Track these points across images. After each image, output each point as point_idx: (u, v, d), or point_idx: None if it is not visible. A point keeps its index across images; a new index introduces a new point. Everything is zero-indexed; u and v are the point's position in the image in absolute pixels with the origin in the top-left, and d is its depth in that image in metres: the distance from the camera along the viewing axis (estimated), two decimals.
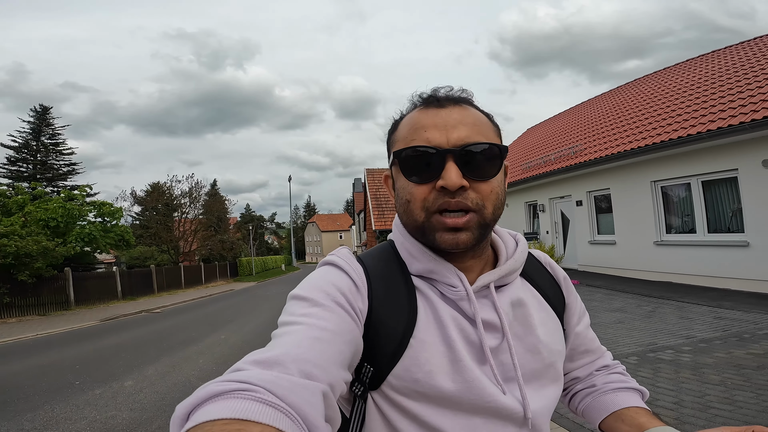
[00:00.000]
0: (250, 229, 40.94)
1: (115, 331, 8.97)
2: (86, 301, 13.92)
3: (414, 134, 0.57)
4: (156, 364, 5.53)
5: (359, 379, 0.57)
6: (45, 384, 4.69)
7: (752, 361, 3.37)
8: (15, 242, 10.52)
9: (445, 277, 0.58)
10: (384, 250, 0.64)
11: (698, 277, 7.04)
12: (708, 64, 9.53)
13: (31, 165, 25.24)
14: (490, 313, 0.58)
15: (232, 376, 0.39)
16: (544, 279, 0.68)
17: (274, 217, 79.10)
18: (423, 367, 0.54)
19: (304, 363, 0.43)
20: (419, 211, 0.55)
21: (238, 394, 0.36)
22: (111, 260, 28.87)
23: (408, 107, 0.63)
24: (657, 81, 11.07)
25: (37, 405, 3.93)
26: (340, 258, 0.60)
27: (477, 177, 0.54)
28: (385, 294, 0.57)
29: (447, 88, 0.60)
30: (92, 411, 3.75)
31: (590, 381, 0.72)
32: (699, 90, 8.24)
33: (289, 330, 0.48)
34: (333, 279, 0.56)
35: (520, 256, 0.63)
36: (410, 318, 0.56)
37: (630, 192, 8.53)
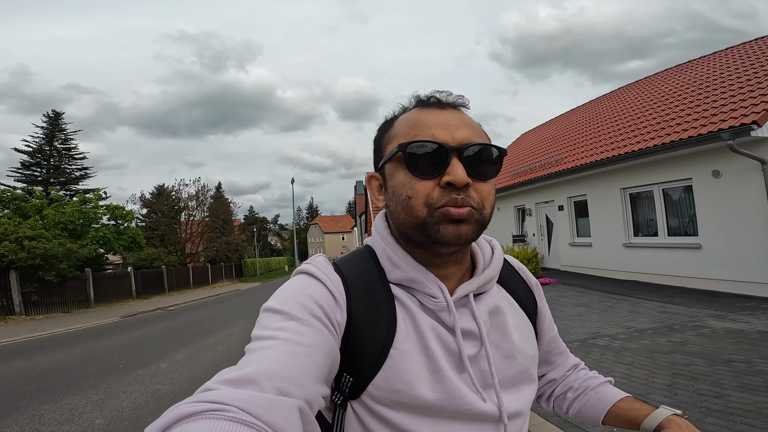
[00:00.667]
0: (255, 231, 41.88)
1: (138, 325, 9.88)
2: (104, 300, 14.86)
3: (417, 130, 0.57)
4: (182, 351, 6.42)
5: (339, 388, 0.56)
6: (94, 368, 5.59)
7: (666, 348, 4.20)
8: (43, 244, 11.45)
9: (426, 287, 0.58)
10: (362, 257, 0.63)
11: (660, 276, 7.89)
12: (676, 76, 10.35)
13: (45, 169, 26.27)
14: (469, 322, 0.59)
15: (203, 396, 0.38)
16: (518, 285, 0.70)
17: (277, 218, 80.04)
18: (403, 377, 0.54)
19: (280, 380, 0.42)
20: (421, 207, 0.54)
21: (209, 414, 0.35)
22: (118, 261, 29.83)
23: (400, 109, 0.63)
24: (633, 92, 11.91)
25: (95, 383, 4.82)
26: (316, 267, 0.58)
27: (479, 176, 0.55)
28: (363, 304, 0.56)
29: (446, 93, 0.61)
30: (140, 386, 4.63)
31: (567, 383, 0.77)
32: (665, 103, 9.07)
33: (263, 345, 0.46)
34: (309, 290, 0.54)
35: (496, 264, 0.64)
36: (390, 328, 0.56)
37: (603, 198, 9.37)
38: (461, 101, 0.61)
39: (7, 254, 10.80)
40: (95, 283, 14.55)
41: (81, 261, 13.44)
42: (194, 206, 30.98)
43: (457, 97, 0.61)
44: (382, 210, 0.66)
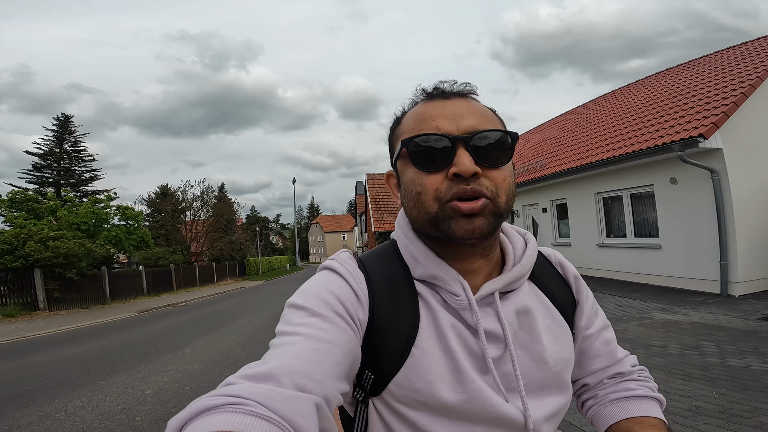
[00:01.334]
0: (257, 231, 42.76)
1: (155, 319, 10.77)
2: (119, 297, 15.77)
3: (421, 124, 0.56)
4: (201, 340, 7.30)
5: (360, 385, 0.56)
6: (129, 354, 6.47)
7: None
8: (65, 244, 12.34)
9: (448, 284, 0.56)
10: (387, 252, 0.63)
11: (627, 274, 8.75)
12: (652, 85, 11.16)
13: (56, 171, 27.19)
14: (493, 323, 0.57)
15: (224, 390, 0.39)
16: (553, 280, 0.66)
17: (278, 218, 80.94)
18: (424, 376, 0.53)
19: (299, 376, 0.43)
20: (432, 203, 0.53)
21: (229, 408, 0.36)
22: (124, 260, 30.75)
23: (410, 103, 0.62)
24: (612, 101, 12.74)
25: (134, 365, 5.69)
26: (341, 264, 0.58)
27: (489, 164, 0.53)
28: (386, 301, 0.56)
29: (451, 82, 0.59)
30: (173, 366, 5.51)
31: (596, 390, 0.69)
32: (637, 113, 9.88)
33: (285, 341, 0.48)
34: (332, 287, 0.55)
35: (528, 261, 0.61)
36: (412, 326, 0.55)
37: (580, 201, 10.23)
38: (468, 89, 0.59)
39: (33, 254, 11.69)
40: (110, 281, 15.46)
41: (99, 260, 14.33)
42: (199, 206, 31.87)
43: (463, 84, 0.59)
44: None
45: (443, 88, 0.59)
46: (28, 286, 12.17)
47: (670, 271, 7.79)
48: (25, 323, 10.29)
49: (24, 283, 12.17)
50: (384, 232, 24.88)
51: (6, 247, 11.65)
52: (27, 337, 8.51)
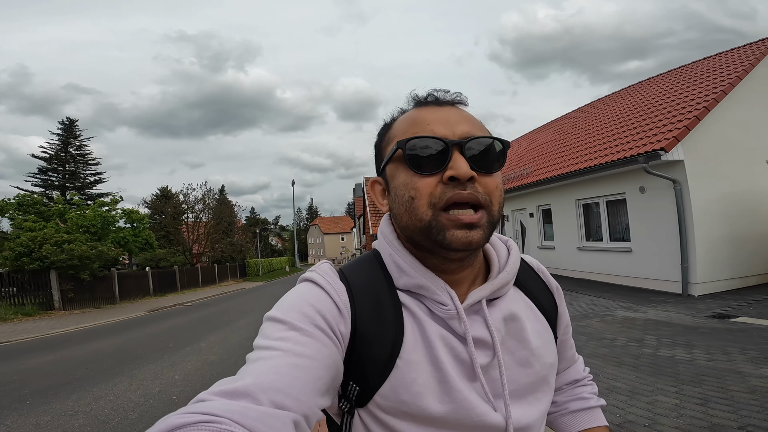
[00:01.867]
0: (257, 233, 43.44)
1: (166, 318, 11.48)
2: (127, 297, 16.47)
3: (416, 128, 0.56)
4: (213, 335, 8.02)
5: (345, 395, 0.56)
6: (151, 347, 7.19)
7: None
8: (78, 246, 13.04)
9: (435, 294, 0.56)
10: (369, 263, 0.62)
11: (603, 275, 9.52)
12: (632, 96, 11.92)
13: (61, 174, 27.85)
14: (482, 330, 0.57)
15: (196, 407, 0.38)
16: (538, 287, 0.67)
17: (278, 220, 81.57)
18: (410, 388, 0.53)
19: (276, 393, 0.41)
20: (425, 208, 0.53)
21: (201, 426, 0.35)
22: (125, 261, 31.41)
23: (398, 111, 0.63)
24: (595, 110, 13.52)
25: (158, 357, 6.40)
26: (321, 276, 0.57)
27: (483, 169, 0.54)
28: (369, 313, 0.55)
29: (444, 90, 0.61)
30: (193, 357, 6.23)
31: (556, 396, 0.74)
32: (615, 124, 10.62)
33: (263, 355, 0.46)
34: (313, 300, 0.53)
35: (512, 267, 0.62)
36: (396, 337, 0.55)
37: (563, 207, 11.00)
38: (459, 98, 0.60)
39: (49, 256, 12.39)
40: (119, 282, 16.16)
41: (110, 262, 15.03)
42: (200, 209, 32.56)
43: (454, 94, 0.60)
44: (386, 213, 0.64)
45: (436, 95, 0.60)
46: (44, 286, 12.86)
47: (640, 272, 8.55)
48: (44, 321, 10.98)
49: (40, 284, 12.87)
50: None
51: (23, 249, 12.35)
52: (50, 334, 9.21)
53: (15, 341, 8.42)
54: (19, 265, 12.37)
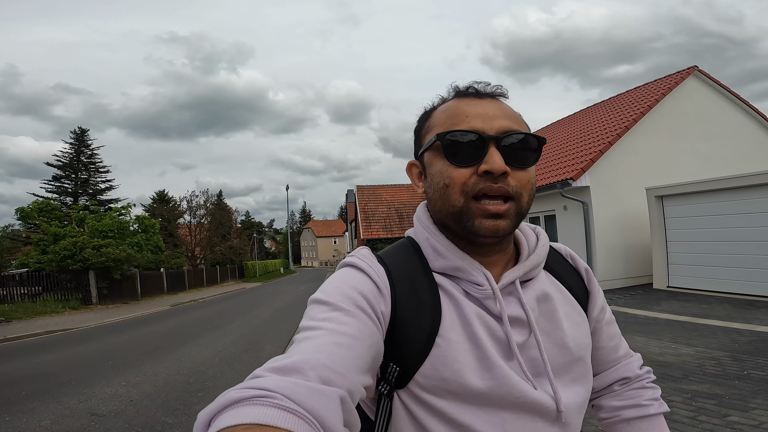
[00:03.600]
0: (254, 236, 45.72)
1: (190, 310, 13.87)
2: (147, 294, 18.79)
3: (455, 119, 0.59)
4: (234, 323, 10.42)
5: (385, 378, 0.57)
6: (194, 329, 9.60)
7: None
8: (113, 250, 15.39)
9: (471, 275, 0.58)
10: (404, 248, 0.64)
11: None
12: (578, 121, 14.55)
13: (74, 182, 29.89)
14: (517, 309, 0.59)
15: (252, 383, 0.40)
16: (567, 271, 0.69)
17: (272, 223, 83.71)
18: (451, 365, 0.55)
19: (323, 369, 0.44)
20: (458, 196, 0.56)
21: (257, 401, 0.37)
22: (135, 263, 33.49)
23: (440, 99, 0.65)
24: (554, 131, 16.22)
25: (201, 335, 8.79)
26: (361, 259, 0.60)
27: (517, 164, 0.56)
28: (408, 294, 0.58)
29: (485, 83, 0.62)
30: (227, 335, 8.63)
31: (608, 399, 0.71)
32: (559, 149, 13.28)
33: (309, 335, 0.49)
34: (354, 282, 0.56)
35: (542, 250, 0.64)
36: (435, 317, 0.57)
37: None
38: (500, 91, 0.62)
39: (90, 258, 14.73)
40: (141, 281, 18.49)
41: (135, 264, 17.38)
42: (203, 214, 34.82)
43: (495, 87, 0.62)
44: (422, 201, 0.67)
45: (477, 87, 0.62)
46: (85, 284, 15.19)
47: None
48: (90, 314, 13.31)
49: (80, 282, 15.19)
50: (372, 239, 27.97)
51: (67, 253, 14.67)
52: (105, 322, 11.55)
53: (79, 328, 10.78)
54: (63, 266, 14.67)
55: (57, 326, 10.33)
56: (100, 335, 9.22)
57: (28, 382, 5.16)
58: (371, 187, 32.47)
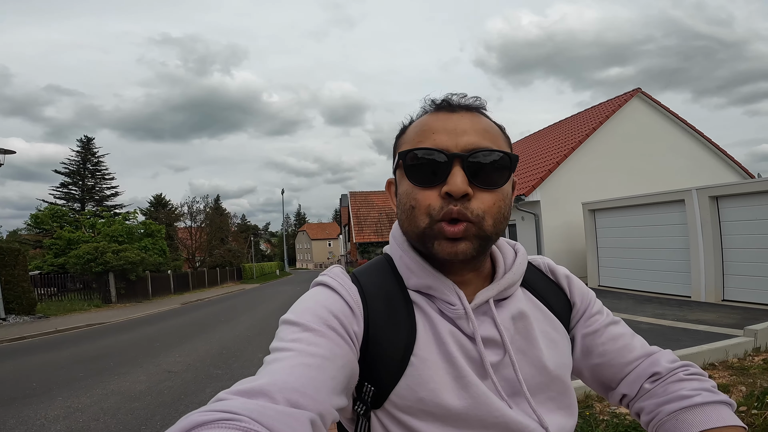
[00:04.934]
0: (251, 239, 47.50)
1: (200, 307, 15.73)
2: (157, 294, 20.59)
3: (421, 137, 0.57)
4: (243, 316, 12.34)
5: (361, 398, 0.56)
6: (210, 321, 11.50)
7: None
8: (130, 254, 17.23)
9: (443, 294, 0.58)
10: (379, 265, 0.64)
11: None
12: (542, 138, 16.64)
13: (80, 188, 31.49)
14: (490, 329, 0.58)
15: (216, 405, 0.39)
16: (546, 287, 0.67)
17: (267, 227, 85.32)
18: (427, 384, 0.54)
19: (291, 392, 0.43)
20: (423, 217, 0.54)
21: (222, 424, 0.36)
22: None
23: (419, 112, 0.63)
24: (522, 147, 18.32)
25: (210, 329, 10.67)
26: (332, 278, 0.59)
27: (483, 185, 0.53)
28: (381, 312, 0.57)
29: (461, 95, 0.59)
30: (238, 326, 10.53)
31: (643, 401, 0.62)
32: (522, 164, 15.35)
33: (278, 357, 0.48)
34: (325, 301, 0.55)
35: (518, 268, 0.62)
36: (409, 335, 0.56)
37: None
38: (477, 103, 0.59)
39: (110, 261, 16.57)
40: (151, 282, 20.32)
41: (148, 266, 19.21)
42: (202, 219, 36.58)
43: (472, 99, 0.59)
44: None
45: (450, 100, 0.59)
46: (106, 285, 17.02)
47: None
48: (113, 311, 15.12)
49: (101, 283, 17.02)
50: (364, 242, 29.90)
51: (90, 257, 16.49)
52: (131, 317, 13.39)
53: (111, 322, 12.64)
54: (86, 268, 16.50)
55: (93, 320, 12.18)
56: (135, 327, 11.10)
57: (112, 357, 7.04)
58: (363, 193, 34.43)
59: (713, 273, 7.86)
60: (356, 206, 32.87)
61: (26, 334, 9.58)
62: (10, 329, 10.42)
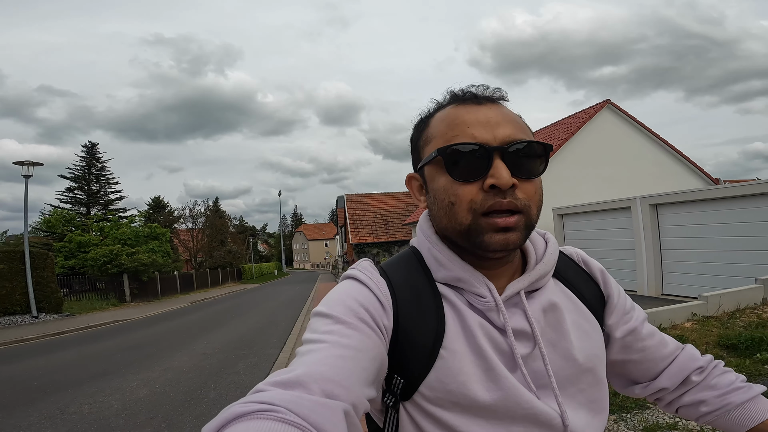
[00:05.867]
0: (250, 241, 48.75)
1: (209, 305, 17.06)
2: (165, 294, 21.90)
3: (455, 130, 0.56)
4: (251, 312, 13.69)
5: (390, 390, 0.57)
6: (223, 317, 12.84)
7: None
8: (142, 256, 18.54)
9: (473, 286, 0.58)
10: (407, 259, 0.64)
11: None
12: None
13: (86, 193, 32.58)
14: (521, 321, 0.58)
15: (255, 397, 0.41)
16: (578, 277, 0.67)
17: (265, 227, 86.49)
18: (456, 377, 0.54)
19: (326, 382, 0.44)
20: (465, 213, 0.54)
21: (261, 415, 0.37)
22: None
23: (436, 104, 0.62)
24: None
25: (225, 322, 12.01)
26: (362, 272, 0.60)
27: (524, 176, 0.54)
28: (410, 305, 0.57)
29: (483, 87, 0.60)
30: (249, 320, 11.89)
31: (697, 393, 0.67)
32: None
33: (312, 348, 0.49)
34: (355, 294, 0.56)
35: (550, 259, 0.62)
36: (438, 328, 0.56)
37: None
38: (499, 94, 0.59)
39: (125, 263, 17.88)
40: (160, 282, 21.63)
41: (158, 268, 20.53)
42: (203, 222, 37.82)
43: (494, 90, 0.59)
44: (424, 210, 0.65)
45: (475, 92, 0.59)
46: (120, 285, 18.33)
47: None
48: (130, 309, 16.43)
49: (116, 284, 18.32)
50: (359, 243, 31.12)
51: (106, 259, 17.79)
52: (149, 315, 14.69)
53: (132, 319, 13.97)
54: (103, 270, 17.80)
55: (116, 318, 13.50)
56: (157, 322, 12.44)
57: (152, 345, 8.38)
58: (359, 195, 35.73)
59: (653, 271, 9.34)
60: (352, 208, 34.14)
61: (64, 330, 10.89)
62: (46, 326, 11.72)
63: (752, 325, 4.66)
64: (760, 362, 3.63)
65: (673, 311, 5.32)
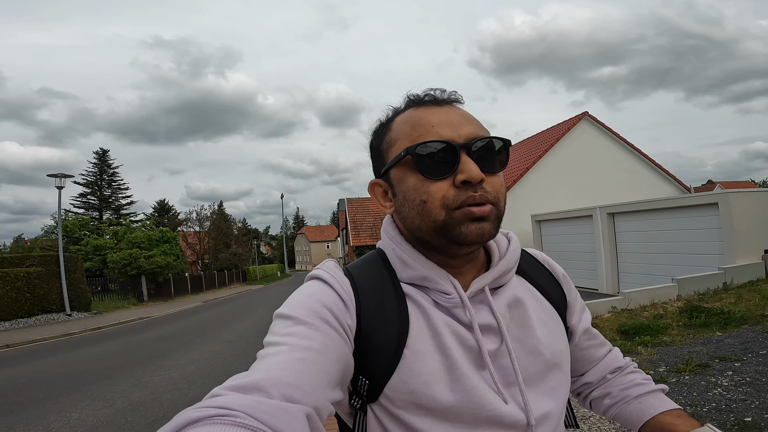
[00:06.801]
0: (255, 244, 50.29)
1: (221, 304, 18.58)
2: (177, 294, 23.43)
3: (420, 130, 0.57)
4: (261, 309, 15.15)
5: (357, 391, 0.57)
6: (236, 313, 14.36)
7: None
8: (158, 259, 20.08)
9: (438, 284, 0.58)
10: (372, 260, 0.64)
11: None
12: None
13: (98, 198, 34.10)
14: (487, 316, 0.59)
15: (211, 401, 0.40)
16: (543, 277, 0.68)
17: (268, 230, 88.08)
18: (419, 378, 0.54)
19: (286, 387, 0.43)
20: (439, 210, 0.55)
21: (217, 420, 0.36)
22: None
23: (393, 110, 0.64)
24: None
25: (240, 317, 13.55)
26: (326, 271, 0.60)
27: (489, 170, 0.56)
28: (374, 306, 0.57)
29: (440, 90, 0.62)
30: (258, 317, 13.41)
31: (606, 388, 0.73)
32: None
33: (271, 351, 0.48)
34: (318, 295, 0.56)
35: (513, 255, 0.63)
36: (402, 328, 0.56)
37: None
38: (455, 96, 0.61)
39: (143, 266, 19.43)
40: (173, 283, 23.18)
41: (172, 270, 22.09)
42: (209, 226, 39.34)
43: (451, 93, 0.62)
44: (387, 214, 0.65)
45: (435, 95, 0.61)
46: (139, 286, 19.88)
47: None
48: (149, 308, 17.93)
49: (134, 285, 19.87)
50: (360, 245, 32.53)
51: (126, 262, 19.35)
52: (168, 312, 16.18)
53: (153, 317, 15.48)
54: (123, 272, 19.36)
55: (140, 315, 15.03)
56: (178, 319, 13.96)
57: (182, 336, 9.90)
58: (359, 199, 37.22)
59: (611, 271, 10.84)
60: (353, 212, 35.59)
61: (100, 325, 12.43)
62: (81, 322, 13.26)
63: (654, 316, 6.10)
64: (637, 344, 5.01)
65: (597, 304, 6.79)
